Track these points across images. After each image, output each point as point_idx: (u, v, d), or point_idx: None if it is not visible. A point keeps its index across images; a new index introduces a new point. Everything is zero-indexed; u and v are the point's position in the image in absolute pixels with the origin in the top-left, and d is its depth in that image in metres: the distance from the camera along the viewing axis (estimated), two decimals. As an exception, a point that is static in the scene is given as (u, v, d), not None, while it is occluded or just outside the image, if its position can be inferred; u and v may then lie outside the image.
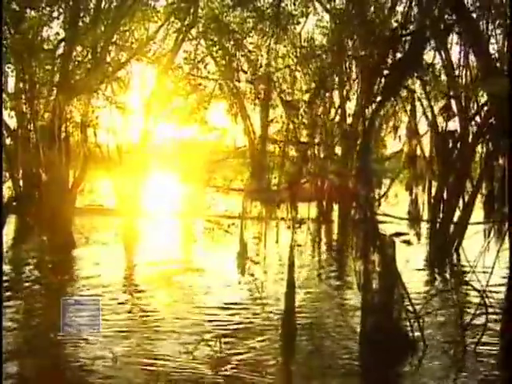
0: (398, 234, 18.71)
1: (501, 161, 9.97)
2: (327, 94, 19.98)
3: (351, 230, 8.91)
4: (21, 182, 17.21)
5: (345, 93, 19.30)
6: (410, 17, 8.04)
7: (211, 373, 6.69)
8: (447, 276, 12.83)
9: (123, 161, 20.43)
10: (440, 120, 14.09)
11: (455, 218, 14.49)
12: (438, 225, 14.45)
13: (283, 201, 8.39)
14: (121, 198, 20.40)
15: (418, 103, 16.35)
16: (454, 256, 14.37)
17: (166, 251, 14.44)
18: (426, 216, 16.55)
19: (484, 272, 8.44)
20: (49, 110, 14.23)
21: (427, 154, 15.31)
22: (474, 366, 7.31)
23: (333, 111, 19.52)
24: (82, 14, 14.51)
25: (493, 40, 12.55)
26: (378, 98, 7.85)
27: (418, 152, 16.47)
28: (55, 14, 15.44)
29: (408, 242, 17.57)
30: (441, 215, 14.95)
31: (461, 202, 14.29)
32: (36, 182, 14.61)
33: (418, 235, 15.81)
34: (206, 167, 17.39)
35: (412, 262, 13.30)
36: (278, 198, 8.51)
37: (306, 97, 16.92)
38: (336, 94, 19.58)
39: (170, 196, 22.25)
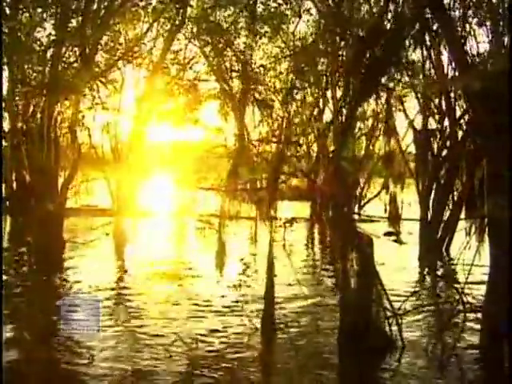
0: (390, 234, 18.81)
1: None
2: (321, 93, 20.03)
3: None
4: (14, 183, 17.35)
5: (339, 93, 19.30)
6: (387, 14, 8.05)
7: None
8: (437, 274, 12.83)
9: (118, 161, 20.54)
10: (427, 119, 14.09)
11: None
12: (427, 223, 14.44)
13: (262, 200, 8.44)
14: (116, 199, 20.52)
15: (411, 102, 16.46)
16: (444, 254, 14.43)
17: (152, 250, 14.91)
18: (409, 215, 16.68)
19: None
20: (39, 110, 14.28)
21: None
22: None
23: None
24: (71, 15, 14.53)
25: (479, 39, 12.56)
26: (356, 97, 7.87)
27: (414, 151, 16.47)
28: (46, 15, 15.42)
29: (400, 242, 17.68)
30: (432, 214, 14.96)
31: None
32: (26, 182, 14.68)
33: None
34: (198, 167, 17.41)
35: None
36: (256, 197, 8.57)
37: (299, 96, 16.98)
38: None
39: (164, 196, 22.33)
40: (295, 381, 6.86)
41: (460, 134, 13.96)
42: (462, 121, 13.50)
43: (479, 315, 8.14)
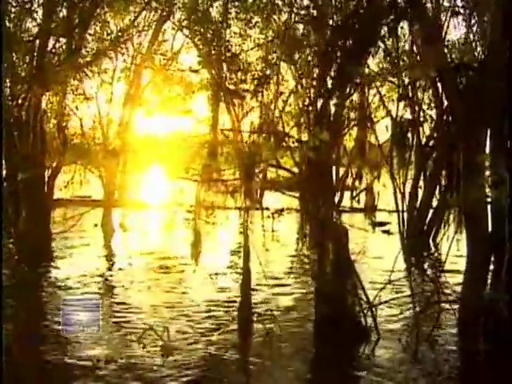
0: (379, 224, 18.70)
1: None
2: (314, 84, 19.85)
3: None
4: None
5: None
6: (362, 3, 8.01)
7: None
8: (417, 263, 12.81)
9: (110, 152, 20.46)
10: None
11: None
12: (413, 214, 14.43)
13: (236, 190, 8.47)
14: (107, 189, 20.47)
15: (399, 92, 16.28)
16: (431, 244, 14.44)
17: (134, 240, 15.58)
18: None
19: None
20: (26, 102, 14.21)
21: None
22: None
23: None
24: (58, 4, 14.44)
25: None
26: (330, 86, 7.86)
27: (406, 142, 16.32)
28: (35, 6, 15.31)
29: (388, 232, 17.62)
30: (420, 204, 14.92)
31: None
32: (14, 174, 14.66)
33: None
34: (190, 157, 17.40)
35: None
36: (230, 187, 8.60)
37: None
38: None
39: (155, 186, 22.35)
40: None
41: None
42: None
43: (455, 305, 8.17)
